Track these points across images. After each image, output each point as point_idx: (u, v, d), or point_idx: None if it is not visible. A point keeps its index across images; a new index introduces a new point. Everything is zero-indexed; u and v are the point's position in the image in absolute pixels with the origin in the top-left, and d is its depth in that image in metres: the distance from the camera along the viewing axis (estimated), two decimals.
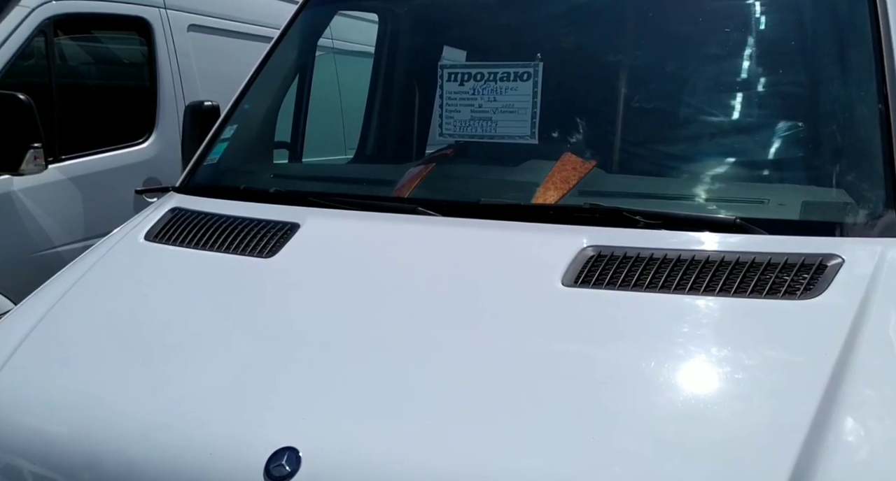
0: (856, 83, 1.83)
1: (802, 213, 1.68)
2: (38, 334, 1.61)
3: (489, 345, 1.39)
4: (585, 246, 1.62)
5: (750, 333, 1.36)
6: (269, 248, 1.78)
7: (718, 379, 1.29)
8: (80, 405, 1.40)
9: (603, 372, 1.32)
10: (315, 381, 1.35)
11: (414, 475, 1.18)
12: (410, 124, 3.14)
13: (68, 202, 3.99)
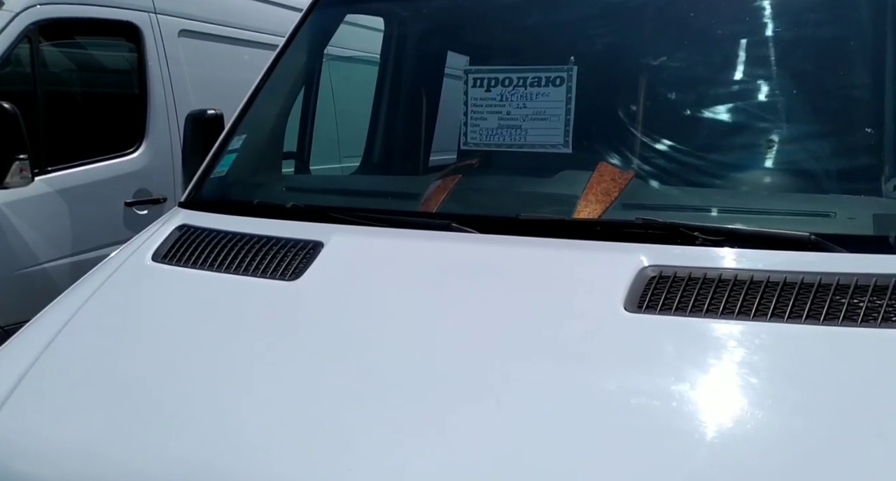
0: None
1: (877, 228, 1.55)
2: (39, 369, 1.44)
3: (559, 381, 1.25)
4: (646, 265, 1.47)
5: (851, 367, 1.22)
6: (293, 270, 1.61)
7: (816, 421, 1.15)
8: (87, 451, 1.23)
9: (686, 410, 1.18)
10: (365, 418, 1.19)
11: None
12: (419, 131, 3.00)
13: (55, 216, 3.78)
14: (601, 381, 1.25)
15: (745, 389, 1.23)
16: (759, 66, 1.92)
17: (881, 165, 1.75)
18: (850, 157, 1.79)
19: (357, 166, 3.13)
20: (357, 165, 3.22)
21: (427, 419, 1.21)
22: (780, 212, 1.69)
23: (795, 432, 1.15)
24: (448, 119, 3.02)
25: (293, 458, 1.17)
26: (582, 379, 1.25)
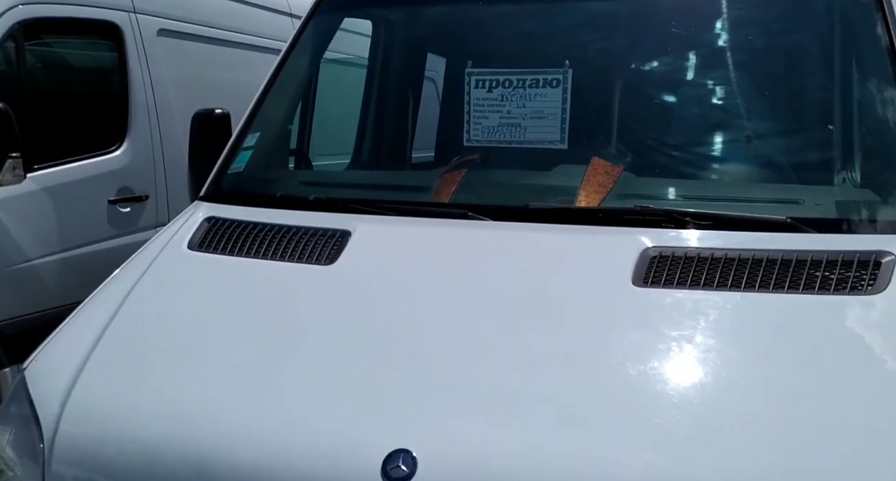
0: (878, 85, 1.95)
1: (840, 212, 1.79)
2: (102, 349, 1.55)
3: (580, 346, 1.43)
4: (648, 247, 1.68)
5: (827, 327, 1.45)
6: (327, 255, 1.76)
7: (809, 373, 1.36)
8: (176, 412, 1.36)
9: (694, 368, 1.38)
10: (417, 383, 1.36)
11: (530, 473, 1.21)
12: (407, 129, 3.16)
13: (42, 213, 3.80)
14: (621, 343, 1.45)
15: (735, 347, 1.44)
16: (734, 70, 2.16)
17: (841, 159, 2.00)
18: (815, 152, 2.05)
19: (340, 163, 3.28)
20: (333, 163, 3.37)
21: (467, 381, 1.38)
22: (757, 200, 1.93)
23: (777, 380, 1.36)
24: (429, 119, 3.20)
25: (346, 417, 1.33)
26: (605, 342, 1.44)
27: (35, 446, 1.43)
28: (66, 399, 1.45)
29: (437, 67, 3.29)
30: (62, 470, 1.39)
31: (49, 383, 1.51)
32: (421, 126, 3.17)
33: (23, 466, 1.44)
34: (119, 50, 4.39)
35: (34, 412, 1.47)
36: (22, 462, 1.45)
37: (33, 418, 1.47)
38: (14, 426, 1.51)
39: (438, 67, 3.26)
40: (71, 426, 1.42)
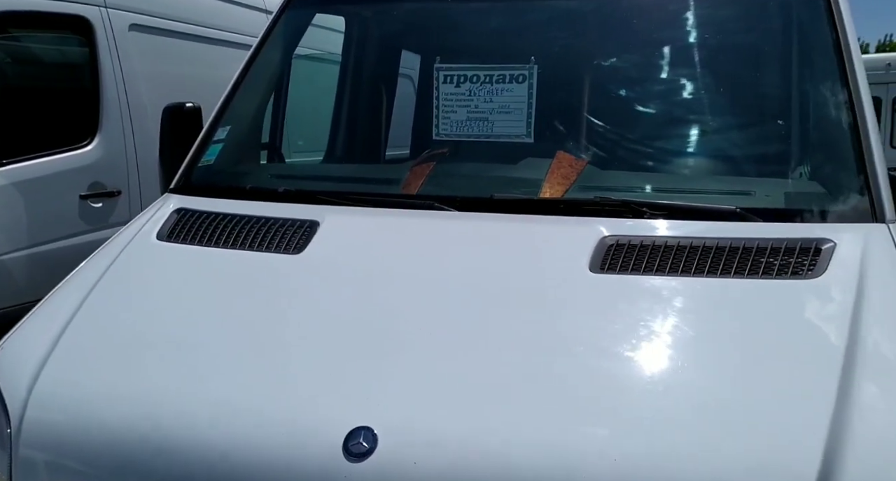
0: (825, 83, 2.05)
1: (787, 203, 1.88)
2: (70, 336, 1.57)
3: (538, 329, 1.49)
4: (605, 235, 1.74)
5: (767, 309, 1.52)
6: (295, 245, 1.80)
7: (746, 351, 1.44)
8: (140, 396, 1.38)
9: (648, 348, 1.45)
10: (379, 365, 1.40)
11: (482, 446, 1.26)
12: (380, 124, 3.20)
13: (10, 208, 3.78)
14: (577, 326, 1.51)
15: (682, 328, 1.51)
16: (692, 68, 2.24)
17: (792, 153, 2.09)
18: (768, 146, 2.14)
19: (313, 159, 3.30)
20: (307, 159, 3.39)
21: (427, 361, 1.43)
22: (711, 191, 2.01)
23: (718, 359, 1.43)
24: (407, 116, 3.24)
25: (310, 396, 1.37)
26: (560, 325, 1.50)
27: (2, 431, 1.45)
28: (32, 385, 1.47)
29: (415, 65, 3.34)
30: (29, 453, 1.41)
31: (16, 370, 1.53)
32: (399, 123, 3.21)
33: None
34: (90, 45, 4.37)
35: (1, 398, 1.49)
36: None
37: (0, 404, 1.49)
38: None
39: (416, 65, 3.31)
40: (37, 411, 1.44)
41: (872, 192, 1.81)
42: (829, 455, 1.19)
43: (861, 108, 1.92)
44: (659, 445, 1.23)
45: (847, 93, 1.95)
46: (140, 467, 1.31)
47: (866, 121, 1.90)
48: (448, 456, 1.25)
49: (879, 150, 1.89)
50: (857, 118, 1.91)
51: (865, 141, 1.87)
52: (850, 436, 1.22)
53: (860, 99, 1.93)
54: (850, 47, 2.01)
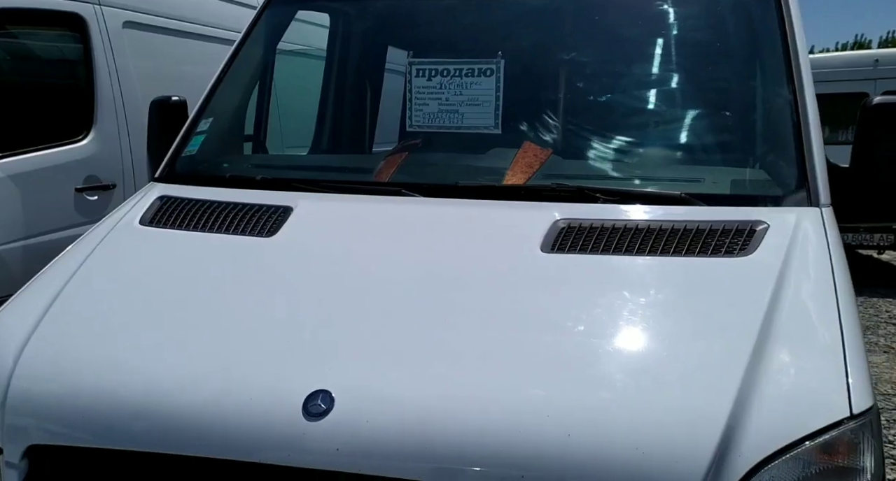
0: (770, 81, 2.18)
1: (732, 189, 2.00)
2: (56, 311, 1.68)
3: (488, 301, 1.61)
4: (558, 219, 1.86)
5: (698, 284, 1.64)
6: (269, 229, 1.92)
7: (675, 320, 1.56)
8: (119, 365, 1.50)
9: (584, 320, 1.56)
10: (338, 335, 1.52)
11: (434, 404, 1.37)
12: (363, 117, 3.32)
13: (7, 200, 3.89)
14: (522, 300, 1.62)
15: (622, 301, 1.62)
16: (650, 64, 2.37)
17: (739, 144, 2.21)
18: (717, 138, 2.26)
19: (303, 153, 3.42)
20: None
21: (383, 331, 1.54)
22: (664, 179, 2.13)
23: (654, 325, 1.54)
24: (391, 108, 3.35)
25: (273, 363, 1.48)
26: (507, 299, 1.62)
27: None
28: (18, 356, 1.58)
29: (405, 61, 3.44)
30: (14, 420, 1.52)
31: (2, 344, 1.65)
32: (391, 119, 3.32)
33: None
34: (85, 41, 4.48)
35: None
36: None
37: None
38: None
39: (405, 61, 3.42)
40: (22, 381, 1.55)
41: (809, 179, 1.92)
42: (738, 407, 1.31)
43: (804, 103, 2.04)
44: (589, 401, 1.35)
45: (792, 89, 2.07)
46: (116, 430, 1.43)
47: (808, 114, 2.03)
48: (397, 415, 1.37)
49: (819, 141, 2.01)
50: (800, 112, 2.03)
51: (806, 132, 1.99)
52: (758, 392, 1.34)
53: (804, 94, 2.06)
54: (798, 46, 2.14)
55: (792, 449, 1.29)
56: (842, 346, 1.44)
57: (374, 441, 1.34)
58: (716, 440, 1.27)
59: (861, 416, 1.33)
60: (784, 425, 1.31)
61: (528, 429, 1.31)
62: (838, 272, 1.65)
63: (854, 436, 1.32)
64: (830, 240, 1.76)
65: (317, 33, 3.77)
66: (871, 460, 1.33)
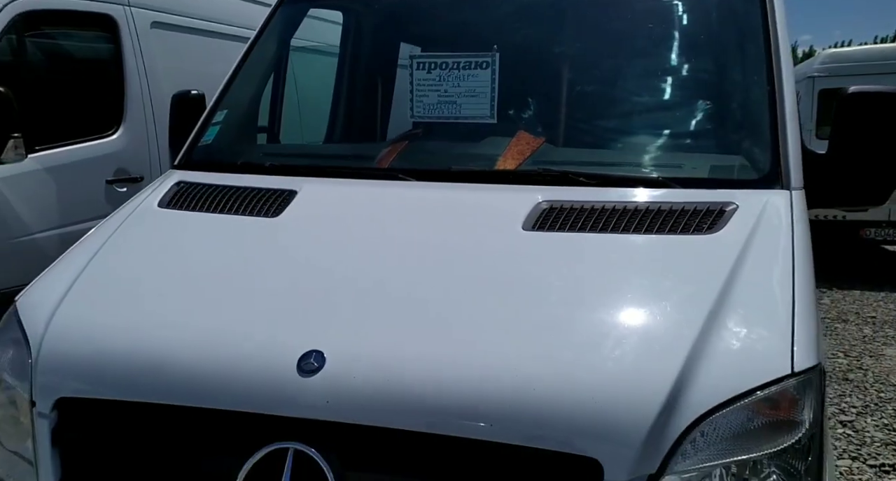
0: (751, 73, 2.28)
1: (709, 173, 2.11)
2: (82, 282, 1.87)
3: (470, 273, 1.75)
4: (541, 200, 1.99)
5: (665, 258, 1.76)
6: (274, 210, 2.08)
7: (639, 289, 1.67)
8: (138, 328, 1.67)
9: (557, 289, 1.69)
10: (332, 301, 1.67)
11: (414, 363, 1.52)
12: (374, 110, 3.48)
13: (44, 191, 4.14)
14: (502, 271, 1.75)
15: (592, 272, 1.75)
16: (635, 57, 2.48)
17: (719, 131, 2.32)
18: (699, 126, 2.37)
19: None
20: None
21: (374, 298, 1.68)
22: (645, 164, 2.25)
23: (622, 294, 1.67)
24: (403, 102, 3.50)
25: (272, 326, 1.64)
26: (487, 271, 1.75)
27: (24, 363, 1.75)
28: (49, 322, 1.76)
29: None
30: (45, 376, 1.70)
31: (35, 312, 1.83)
32: (399, 112, 3.48)
33: (15, 379, 1.76)
34: (115, 41, 4.73)
35: (24, 335, 1.80)
36: (15, 376, 1.77)
37: (23, 340, 1.79)
38: (9, 347, 1.83)
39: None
40: (52, 341, 1.73)
41: (781, 163, 2.03)
42: (689, 364, 1.42)
43: (781, 94, 2.15)
44: (553, 359, 1.47)
45: (770, 81, 2.18)
46: (133, 384, 1.60)
47: (785, 104, 2.13)
48: (383, 374, 1.51)
49: (795, 129, 2.11)
50: (777, 102, 2.14)
51: (782, 121, 2.10)
52: (709, 351, 1.45)
53: (782, 86, 2.16)
54: (779, 39, 2.24)
55: (736, 401, 1.40)
56: (791, 313, 1.55)
57: (359, 395, 1.49)
58: (666, 392, 1.39)
59: (802, 374, 1.44)
60: (730, 380, 1.42)
61: (498, 384, 1.45)
62: (798, 248, 1.75)
63: (795, 392, 1.43)
64: (795, 219, 1.86)
65: (334, 30, 3.94)
66: (811, 415, 1.44)
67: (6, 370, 1.79)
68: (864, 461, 3.84)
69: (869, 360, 5.58)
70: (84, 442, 1.63)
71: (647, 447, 1.37)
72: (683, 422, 1.38)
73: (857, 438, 4.14)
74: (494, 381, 1.45)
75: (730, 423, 1.40)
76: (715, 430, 1.40)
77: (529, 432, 1.41)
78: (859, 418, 4.43)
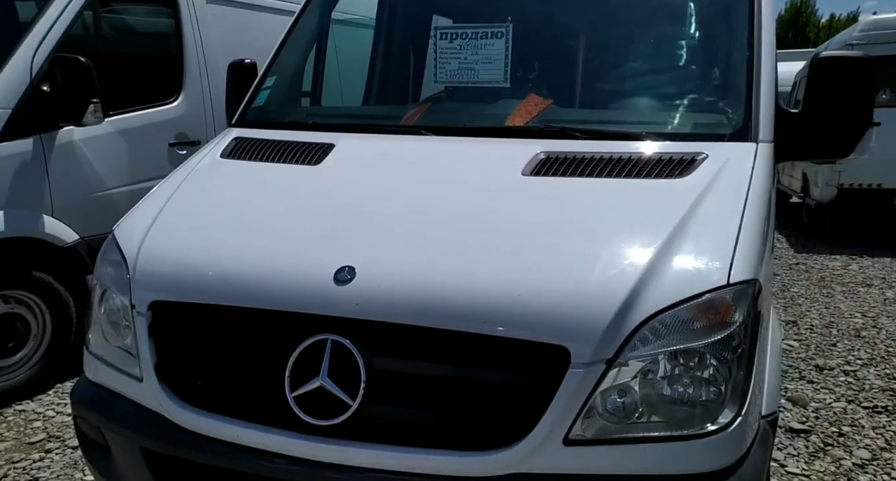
0: (734, 42, 2.58)
1: (690, 129, 2.43)
2: (165, 214, 2.32)
3: (475, 208, 2.12)
4: (539, 151, 2.34)
5: (637, 197, 2.09)
6: (315, 159, 2.49)
7: (614, 221, 2.01)
8: (208, 248, 2.11)
9: (545, 220, 2.05)
10: (364, 230, 2.07)
11: (424, 274, 1.89)
12: (407, 76, 3.85)
13: (116, 151, 4.67)
14: (504, 206, 2.12)
15: (575, 206, 2.09)
16: (634, 28, 2.80)
17: (705, 93, 2.63)
18: (683, 88, 2.69)
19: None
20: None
21: (396, 225, 2.07)
22: (636, 121, 2.57)
23: (597, 223, 2.00)
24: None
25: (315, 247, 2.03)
26: (491, 206, 2.11)
27: (124, 278, 2.21)
28: (142, 242, 2.22)
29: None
30: (141, 289, 2.15)
31: (131, 237, 2.29)
32: (431, 78, 3.84)
33: (118, 291, 2.22)
34: (175, 16, 5.20)
35: (122, 256, 2.25)
36: (118, 288, 2.23)
37: (122, 260, 2.25)
38: (111, 267, 2.30)
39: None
40: (145, 262, 2.17)
41: (752, 120, 2.33)
42: (643, 276, 1.76)
43: (759, 60, 2.45)
44: (532, 272, 1.83)
45: (750, 48, 2.48)
46: (207, 290, 2.02)
47: (762, 68, 2.43)
48: (403, 284, 1.89)
49: (769, 91, 2.41)
50: (754, 67, 2.44)
51: (757, 84, 2.40)
52: (661, 267, 1.79)
53: (761, 53, 2.46)
54: (763, 11, 2.53)
55: (681, 304, 1.74)
56: (735, 240, 1.88)
57: (381, 299, 1.88)
58: (624, 294, 1.74)
59: (736, 285, 1.78)
60: (677, 288, 1.76)
61: (490, 289, 1.82)
62: (753, 190, 2.07)
63: (729, 298, 1.77)
64: (756, 166, 2.17)
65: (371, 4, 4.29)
66: (741, 317, 1.77)
67: (111, 285, 2.25)
68: (860, 404, 4.11)
69: (885, 320, 5.77)
70: (172, 335, 2.08)
71: (606, 338, 1.72)
72: (637, 319, 1.73)
73: (856, 385, 4.40)
74: (488, 286, 1.83)
75: (675, 321, 1.75)
76: (663, 326, 1.74)
77: (518, 327, 1.76)
78: (863, 369, 4.68)
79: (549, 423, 1.71)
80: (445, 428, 1.81)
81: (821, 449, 3.52)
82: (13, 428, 3.83)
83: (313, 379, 1.85)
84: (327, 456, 1.83)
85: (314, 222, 2.16)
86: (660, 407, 1.76)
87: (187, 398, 2.01)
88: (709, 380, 1.76)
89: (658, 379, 1.76)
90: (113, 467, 2.18)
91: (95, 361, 2.26)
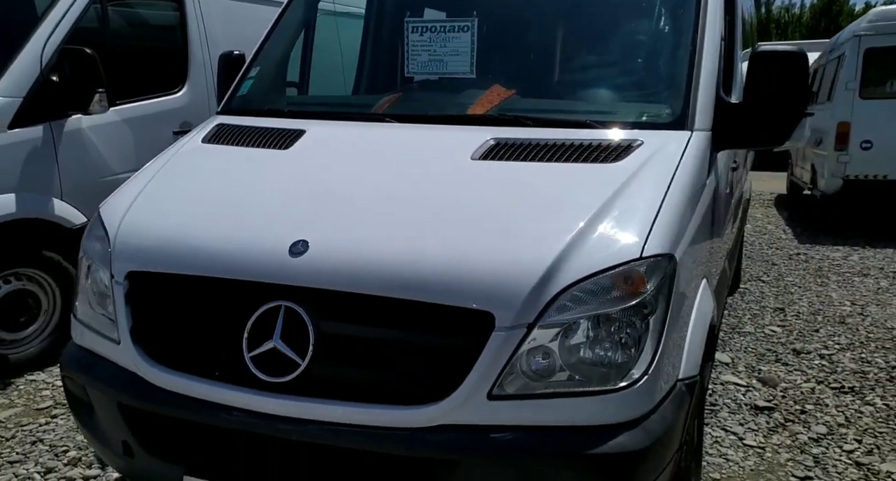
0: (679, 37, 2.73)
1: (632, 117, 2.58)
2: (146, 193, 2.55)
3: (424, 189, 2.30)
4: (489, 137, 2.51)
5: (573, 179, 2.25)
6: (286, 144, 2.69)
7: (546, 200, 2.17)
8: (182, 223, 2.33)
9: (484, 199, 2.22)
10: (321, 207, 2.26)
11: (368, 248, 2.08)
12: (394, 68, 4.03)
13: (122, 138, 4.93)
14: (452, 186, 2.30)
15: (514, 187, 2.24)
16: (587, 22, 2.96)
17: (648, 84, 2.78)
18: (629, 80, 2.85)
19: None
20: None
21: (348, 203, 2.26)
22: (584, 111, 2.73)
23: (529, 200, 2.16)
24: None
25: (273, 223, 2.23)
26: (440, 186, 2.29)
27: (106, 251, 2.44)
28: (123, 217, 2.45)
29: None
30: (120, 256, 2.36)
31: (112, 215, 2.52)
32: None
33: (100, 263, 2.45)
34: (180, 10, 5.44)
35: (105, 231, 2.48)
36: (100, 261, 2.46)
37: (105, 235, 2.48)
38: (96, 241, 2.53)
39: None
40: (123, 237, 2.39)
41: (689, 110, 2.48)
42: (565, 250, 1.93)
43: (701, 53, 2.60)
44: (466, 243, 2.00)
45: (693, 42, 2.63)
46: (177, 261, 2.23)
47: (703, 62, 2.58)
48: (350, 256, 2.08)
49: (710, 83, 2.56)
50: (696, 60, 2.59)
51: (697, 76, 2.56)
52: (581, 242, 1.96)
53: (703, 46, 2.62)
54: (707, 7, 2.67)
55: (597, 275, 1.92)
56: (654, 219, 2.05)
57: (330, 270, 2.07)
58: (547, 265, 1.91)
59: (649, 258, 1.95)
60: (596, 259, 1.93)
61: (424, 262, 2.00)
62: (681, 174, 2.23)
63: (641, 270, 1.94)
64: (687, 153, 2.33)
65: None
66: (653, 287, 1.94)
67: (95, 257, 2.49)
68: (829, 385, 4.23)
69: (873, 308, 5.83)
70: (146, 302, 2.30)
71: (527, 304, 1.90)
72: (557, 287, 1.90)
73: (829, 367, 4.51)
74: (424, 258, 2.01)
75: (593, 289, 1.92)
76: (582, 293, 1.91)
77: (449, 295, 1.94)
78: (839, 353, 4.78)
79: (474, 380, 1.90)
80: (384, 386, 2.01)
81: (780, 425, 3.65)
82: (23, 395, 4.13)
83: (267, 341, 2.06)
84: (279, 410, 2.04)
85: (276, 201, 2.36)
86: (577, 366, 1.93)
87: (159, 359, 2.23)
88: (621, 343, 1.93)
89: (576, 342, 1.93)
90: (95, 422, 2.41)
91: (81, 327, 2.50)
